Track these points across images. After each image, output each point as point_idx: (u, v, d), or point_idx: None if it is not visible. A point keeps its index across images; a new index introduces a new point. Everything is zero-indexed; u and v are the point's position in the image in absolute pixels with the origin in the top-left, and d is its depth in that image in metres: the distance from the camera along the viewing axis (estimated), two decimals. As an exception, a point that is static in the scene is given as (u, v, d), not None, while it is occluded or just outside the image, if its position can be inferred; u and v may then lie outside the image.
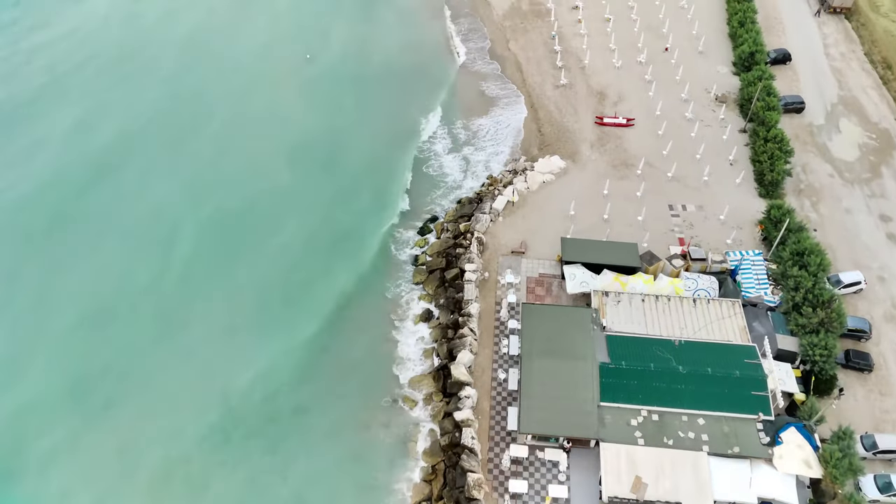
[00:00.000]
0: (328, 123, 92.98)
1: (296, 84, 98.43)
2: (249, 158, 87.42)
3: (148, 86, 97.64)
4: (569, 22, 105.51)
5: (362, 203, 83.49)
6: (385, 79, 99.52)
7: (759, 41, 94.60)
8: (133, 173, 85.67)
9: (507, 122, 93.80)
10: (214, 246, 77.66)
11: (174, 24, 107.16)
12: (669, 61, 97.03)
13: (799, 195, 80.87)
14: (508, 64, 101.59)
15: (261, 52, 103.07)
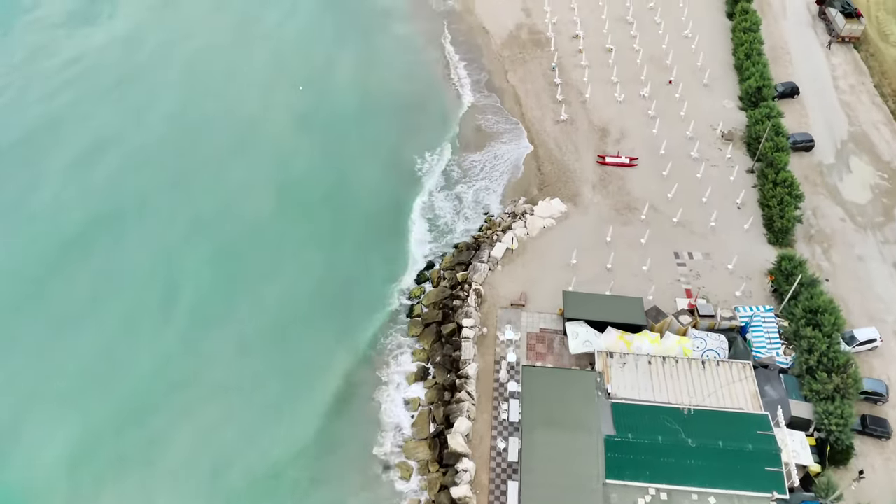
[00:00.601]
0: (319, 160, 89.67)
1: (287, 118, 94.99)
2: (237, 200, 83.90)
3: (138, 120, 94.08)
4: (569, 52, 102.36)
5: (354, 248, 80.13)
6: (380, 112, 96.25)
7: (766, 75, 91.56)
8: (127, 220, 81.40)
9: (506, 158, 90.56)
10: (198, 301, 74.08)
11: (166, 57, 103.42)
12: (674, 95, 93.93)
13: (809, 241, 77.78)
14: (507, 97, 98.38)
15: (253, 84, 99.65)
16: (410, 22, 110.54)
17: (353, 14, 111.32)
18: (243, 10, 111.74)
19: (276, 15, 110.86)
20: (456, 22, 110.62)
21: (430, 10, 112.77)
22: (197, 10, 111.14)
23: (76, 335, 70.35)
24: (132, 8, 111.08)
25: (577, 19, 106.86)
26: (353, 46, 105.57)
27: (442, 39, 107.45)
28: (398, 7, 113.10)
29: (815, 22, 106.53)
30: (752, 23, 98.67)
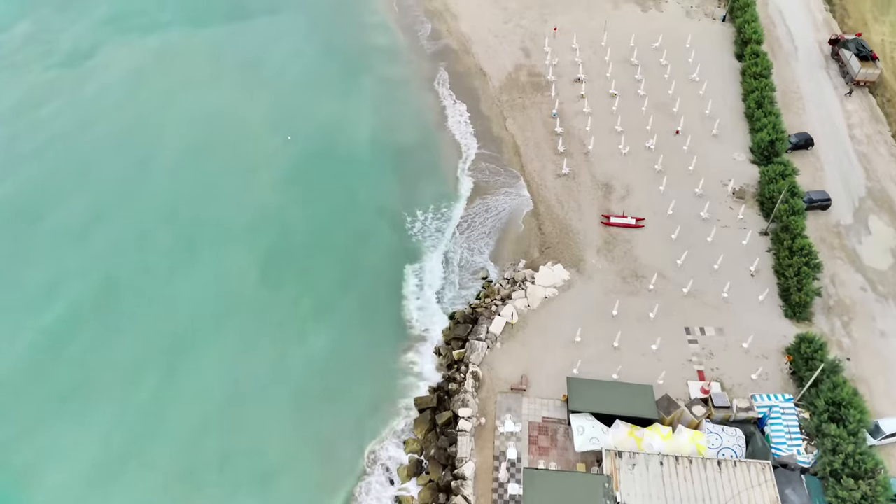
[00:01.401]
0: (306, 219, 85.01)
1: (273, 171, 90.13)
2: (215, 268, 79.14)
3: (116, 170, 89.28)
4: (571, 98, 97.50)
5: (342, 315, 75.63)
6: (370, 163, 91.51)
7: (779, 126, 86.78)
8: (105, 301, 76.72)
9: (504, 215, 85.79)
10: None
11: (148, 105, 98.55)
12: (681, 147, 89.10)
13: (829, 314, 73.03)
14: (506, 146, 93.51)
15: (238, 133, 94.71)
16: (404, 63, 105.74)
17: (343, 55, 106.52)
18: (230, 53, 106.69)
19: (263, 58, 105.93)
20: (452, 62, 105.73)
21: (425, 49, 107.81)
22: (181, 56, 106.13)
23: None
24: (115, 55, 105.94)
25: (579, 61, 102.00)
26: (344, 91, 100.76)
27: (437, 83, 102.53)
28: (391, 47, 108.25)
29: (827, 63, 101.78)
30: (763, 68, 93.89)
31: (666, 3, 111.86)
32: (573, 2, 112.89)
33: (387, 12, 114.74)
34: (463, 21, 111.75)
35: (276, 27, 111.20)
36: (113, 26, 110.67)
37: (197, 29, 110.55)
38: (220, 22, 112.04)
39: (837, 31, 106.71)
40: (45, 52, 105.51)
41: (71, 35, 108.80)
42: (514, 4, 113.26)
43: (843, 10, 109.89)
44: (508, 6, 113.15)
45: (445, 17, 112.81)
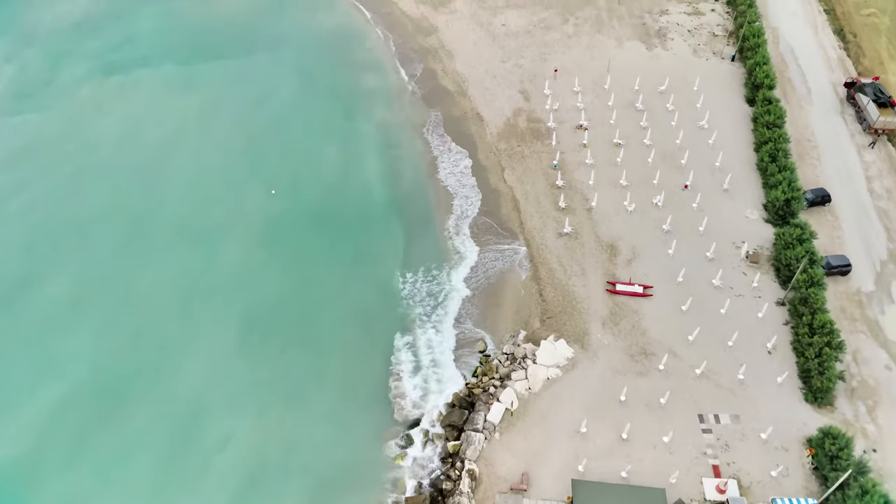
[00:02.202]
0: (290, 283, 79.96)
1: (256, 230, 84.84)
2: (186, 344, 73.83)
3: (84, 235, 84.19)
4: (572, 147, 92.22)
5: (327, 395, 70.45)
6: (359, 219, 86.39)
7: (794, 184, 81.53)
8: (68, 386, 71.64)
9: (503, 279, 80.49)
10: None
11: (126, 153, 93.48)
12: (691, 204, 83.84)
13: (852, 397, 67.80)
14: (504, 201, 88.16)
15: (220, 187, 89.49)
16: (397, 107, 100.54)
17: (333, 97, 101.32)
18: (215, 96, 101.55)
19: (248, 101, 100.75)
20: (448, 106, 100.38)
21: (419, 91, 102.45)
22: (165, 97, 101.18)
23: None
24: (98, 97, 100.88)
25: (581, 106, 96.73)
26: (333, 139, 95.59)
27: (431, 130, 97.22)
28: (383, 89, 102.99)
29: (843, 107, 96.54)
30: (776, 116, 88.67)
31: (672, 41, 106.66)
32: (574, 39, 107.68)
33: (380, 49, 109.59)
34: (459, 60, 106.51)
35: (264, 66, 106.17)
36: (97, 67, 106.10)
37: (182, 68, 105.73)
38: (207, 61, 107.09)
39: (853, 71, 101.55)
40: (26, 94, 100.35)
41: (53, 76, 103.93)
42: (512, 42, 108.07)
43: (857, 49, 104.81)
44: (506, 44, 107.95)
45: (440, 56, 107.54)
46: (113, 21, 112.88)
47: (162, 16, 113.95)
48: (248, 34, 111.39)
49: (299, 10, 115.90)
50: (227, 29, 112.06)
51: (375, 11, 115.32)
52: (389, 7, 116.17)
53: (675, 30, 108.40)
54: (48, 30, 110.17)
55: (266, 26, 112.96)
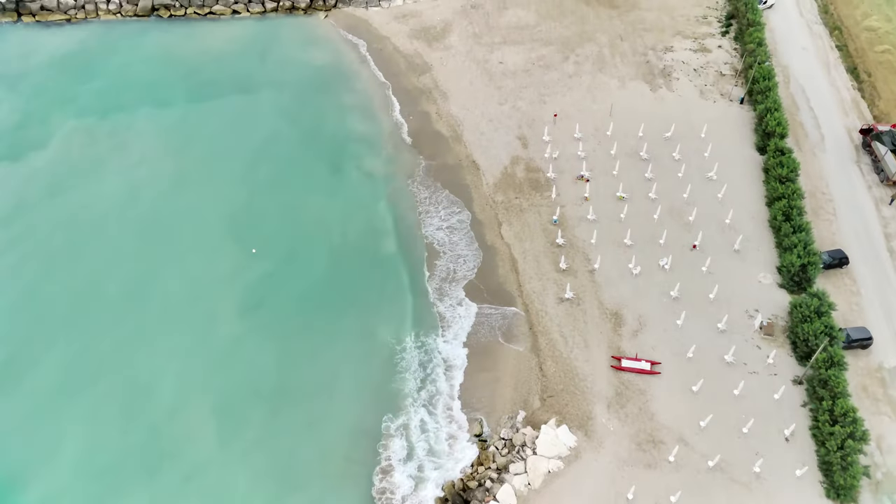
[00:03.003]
0: (272, 354, 74.94)
1: (236, 293, 79.68)
2: (154, 433, 68.68)
3: (43, 298, 79.12)
4: (573, 200, 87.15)
5: (308, 488, 65.20)
6: (347, 281, 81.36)
7: (810, 247, 76.54)
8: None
9: (500, 349, 75.50)
10: None
11: (96, 207, 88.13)
12: (700, 268, 78.78)
13: (876, 491, 63.03)
14: (502, 260, 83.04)
15: (197, 246, 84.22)
16: (388, 154, 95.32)
17: (320, 144, 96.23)
18: (194, 142, 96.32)
19: (229, 149, 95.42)
20: (442, 153, 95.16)
21: (411, 136, 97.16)
22: (139, 144, 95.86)
23: None
24: (68, 144, 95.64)
25: (582, 154, 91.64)
26: (317, 190, 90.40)
27: (422, 180, 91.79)
28: (374, 135, 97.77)
29: (859, 155, 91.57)
30: (789, 170, 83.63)
31: (677, 81, 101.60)
32: (575, 80, 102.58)
33: (371, 89, 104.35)
34: (453, 101, 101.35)
35: (247, 109, 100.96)
36: (68, 110, 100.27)
37: (163, 112, 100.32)
38: (190, 104, 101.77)
39: (868, 114, 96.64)
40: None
41: (23, 121, 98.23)
42: (510, 83, 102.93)
43: (872, 90, 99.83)
44: (504, 84, 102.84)
45: (434, 96, 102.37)
46: (94, 64, 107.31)
47: (144, 56, 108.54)
48: (234, 74, 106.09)
49: (288, 47, 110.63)
50: (213, 69, 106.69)
51: (367, 47, 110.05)
52: (381, 42, 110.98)
53: (681, 69, 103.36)
54: (23, 72, 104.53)
55: (253, 65, 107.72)
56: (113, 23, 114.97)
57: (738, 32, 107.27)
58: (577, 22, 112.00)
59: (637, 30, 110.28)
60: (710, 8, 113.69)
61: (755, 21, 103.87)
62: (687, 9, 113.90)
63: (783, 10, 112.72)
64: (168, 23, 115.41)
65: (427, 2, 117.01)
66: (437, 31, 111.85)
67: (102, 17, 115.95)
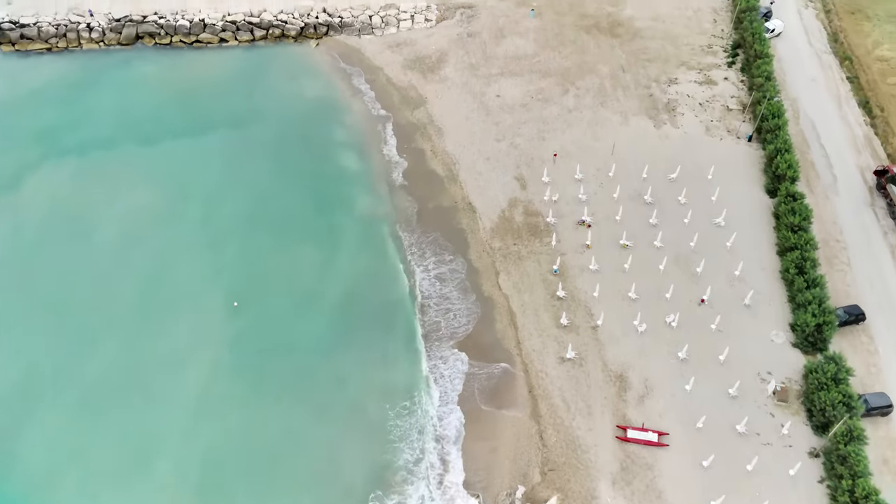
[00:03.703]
0: (256, 425, 70.65)
1: (216, 352, 75.42)
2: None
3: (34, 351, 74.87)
4: (574, 248, 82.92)
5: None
6: (335, 339, 76.95)
7: (825, 304, 72.39)
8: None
9: (497, 415, 71.25)
10: None
11: (66, 257, 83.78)
12: (709, 325, 74.63)
13: (902, 580, 58.57)
14: (500, 314, 78.80)
15: (176, 294, 79.99)
16: (379, 197, 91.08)
17: (306, 186, 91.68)
18: (171, 182, 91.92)
19: (210, 189, 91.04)
20: (437, 194, 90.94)
21: (405, 177, 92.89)
22: (113, 185, 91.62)
23: None
24: (37, 184, 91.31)
25: (584, 197, 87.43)
26: (303, 239, 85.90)
27: (416, 226, 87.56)
28: (365, 175, 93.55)
29: (873, 198, 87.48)
30: (801, 217, 79.38)
31: (682, 117, 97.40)
32: (575, 114, 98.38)
33: (363, 124, 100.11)
34: (449, 137, 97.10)
35: (231, 147, 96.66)
36: (44, 147, 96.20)
37: (140, 149, 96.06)
38: (169, 139, 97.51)
39: (881, 152, 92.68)
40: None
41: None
42: (507, 118, 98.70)
43: (885, 125, 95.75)
44: (501, 119, 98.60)
45: (429, 132, 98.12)
46: (74, 97, 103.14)
47: (126, 88, 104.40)
48: (220, 107, 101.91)
49: (276, 79, 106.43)
50: (199, 102, 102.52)
51: (360, 79, 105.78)
52: (374, 73, 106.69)
53: (686, 103, 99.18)
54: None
55: (239, 98, 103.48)
56: (95, 52, 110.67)
57: (745, 63, 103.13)
58: (578, 52, 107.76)
59: (640, 60, 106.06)
60: (715, 37, 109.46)
61: (763, 53, 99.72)
62: (691, 37, 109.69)
63: (791, 38, 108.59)
64: (153, 52, 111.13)
65: (422, 30, 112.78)
66: (432, 62, 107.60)
67: (85, 47, 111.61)
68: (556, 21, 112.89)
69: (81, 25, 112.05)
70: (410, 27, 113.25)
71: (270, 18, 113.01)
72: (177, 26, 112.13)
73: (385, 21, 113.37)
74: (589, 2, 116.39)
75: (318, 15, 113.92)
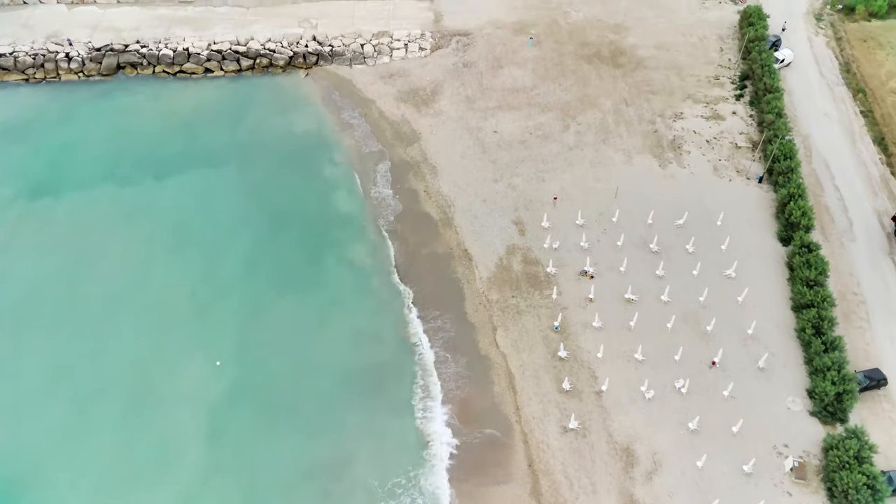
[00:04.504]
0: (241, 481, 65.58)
1: (195, 418, 70.62)
2: None
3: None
4: (577, 301, 78.19)
5: None
6: (322, 402, 72.31)
7: (845, 370, 67.73)
8: None
9: (495, 492, 66.28)
10: None
11: (32, 315, 78.83)
12: (721, 391, 69.94)
13: None
14: (497, 374, 74.04)
15: (153, 358, 75.11)
16: (369, 244, 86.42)
17: (289, 234, 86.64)
18: (148, 228, 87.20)
19: (189, 235, 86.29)
20: (431, 240, 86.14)
21: (396, 221, 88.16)
22: (85, 231, 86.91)
23: None
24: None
25: (586, 244, 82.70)
26: (288, 291, 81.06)
27: (408, 276, 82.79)
28: (355, 219, 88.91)
29: (891, 245, 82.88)
30: (817, 272, 74.68)
31: (688, 155, 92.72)
32: (576, 153, 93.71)
33: (354, 162, 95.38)
34: (444, 177, 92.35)
35: (213, 189, 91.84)
36: (14, 186, 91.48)
37: (117, 190, 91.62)
38: (149, 179, 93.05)
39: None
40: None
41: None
42: (505, 155, 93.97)
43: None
44: (499, 157, 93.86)
45: (423, 171, 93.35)
46: (50, 131, 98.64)
47: (105, 122, 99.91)
48: (202, 144, 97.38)
49: (262, 112, 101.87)
50: (181, 138, 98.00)
51: (350, 113, 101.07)
52: (366, 107, 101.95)
53: (692, 140, 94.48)
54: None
55: (223, 133, 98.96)
56: (74, 84, 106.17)
57: (754, 97, 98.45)
58: (578, 84, 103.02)
59: (643, 93, 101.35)
60: (722, 66, 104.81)
61: (773, 87, 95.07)
62: (697, 68, 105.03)
63: (801, 68, 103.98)
64: (134, 82, 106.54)
65: (416, 59, 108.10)
66: (426, 94, 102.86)
67: (63, 77, 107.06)
68: (556, 50, 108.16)
69: (60, 55, 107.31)
70: (404, 56, 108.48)
71: (258, 47, 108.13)
72: (160, 56, 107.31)
73: (378, 50, 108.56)
74: (590, 29, 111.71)
75: (307, 43, 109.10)
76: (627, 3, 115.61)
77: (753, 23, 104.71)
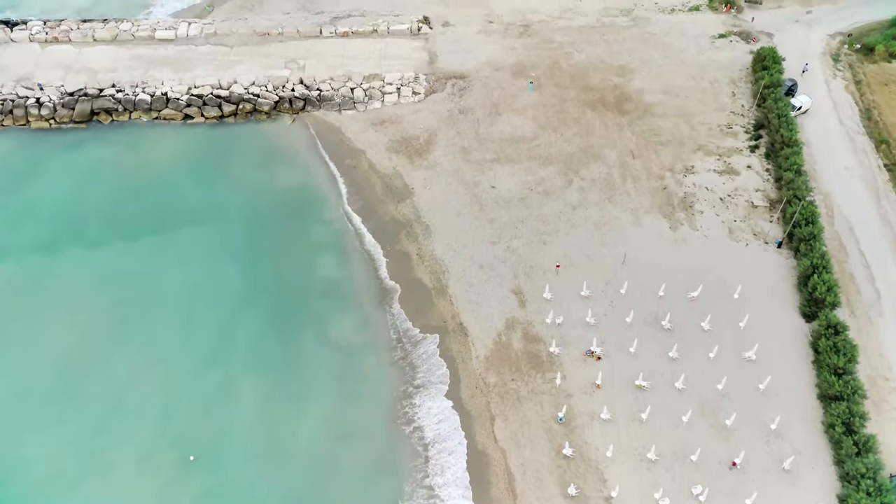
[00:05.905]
0: None
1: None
2: None
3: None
4: (583, 387, 71.55)
5: None
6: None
7: (880, 477, 61.16)
8: None
9: None
10: None
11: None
12: (743, 499, 63.04)
13: None
14: (495, 474, 67.34)
15: (120, 449, 68.56)
16: (357, 313, 79.91)
17: (268, 306, 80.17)
18: (120, 300, 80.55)
19: (162, 308, 79.72)
20: (423, 312, 79.46)
21: (387, 290, 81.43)
22: (46, 309, 79.84)
23: None
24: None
25: (592, 320, 76.02)
26: (267, 374, 74.48)
27: (399, 354, 76.08)
28: (340, 287, 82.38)
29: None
30: (846, 358, 68.10)
31: (701, 216, 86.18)
32: (580, 212, 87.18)
33: (341, 221, 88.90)
34: (438, 238, 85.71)
35: (188, 253, 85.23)
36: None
37: (84, 253, 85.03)
38: (119, 241, 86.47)
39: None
40: None
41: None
42: (504, 214, 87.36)
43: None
44: (497, 216, 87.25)
45: (416, 232, 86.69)
46: (15, 186, 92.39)
47: (75, 175, 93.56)
48: (178, 201, 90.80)
49: (244, 164, 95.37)
50: (156, 193, 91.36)
51: (338, 165, 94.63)
52: (355, 158, 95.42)
53: (705, 198, 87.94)
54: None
55: (202, 188, 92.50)
56: (44, 132, 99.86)
57: (770, 148, 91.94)
58: (582, 133, 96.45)
59: (651, 143, 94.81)
60: (734, 114, 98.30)
61: (791, 140, 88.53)
62: (708, 115, 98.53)
63: (820, 116, 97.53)
64: (109, 130, 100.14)
65: (409, 104, 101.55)
66: (419, 143, 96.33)
67: (33, 125, 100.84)
68: (558, 95, 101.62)
69: (30, 100, 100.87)
70: (396, 101, 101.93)
71: (241, 91, 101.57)
72: (136, 101, 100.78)
73: (368, 95, 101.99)
74: (593, 71, 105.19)
75: (293, 87, 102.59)
76: (632, 43, 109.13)
77: (768, 66, 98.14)
